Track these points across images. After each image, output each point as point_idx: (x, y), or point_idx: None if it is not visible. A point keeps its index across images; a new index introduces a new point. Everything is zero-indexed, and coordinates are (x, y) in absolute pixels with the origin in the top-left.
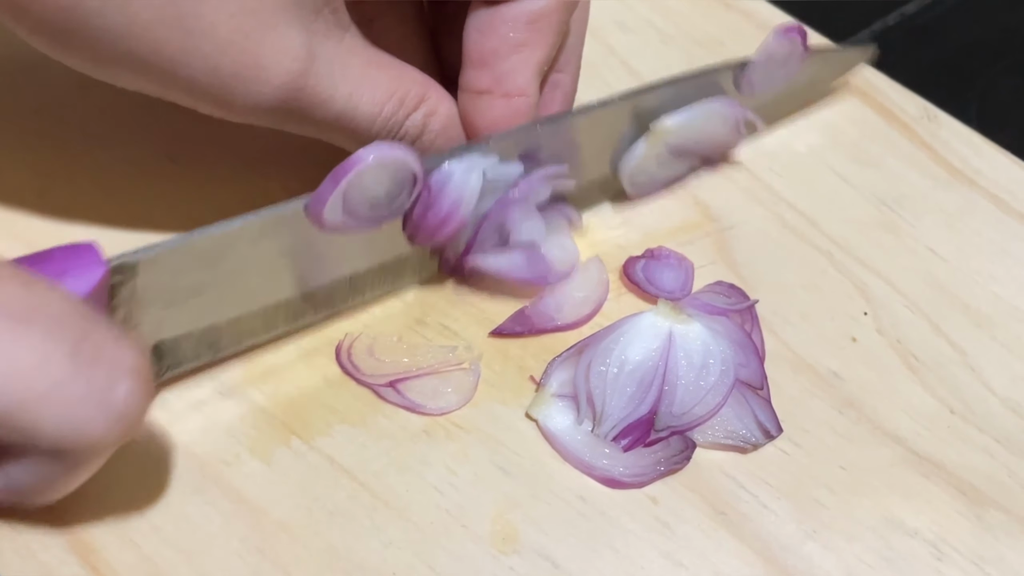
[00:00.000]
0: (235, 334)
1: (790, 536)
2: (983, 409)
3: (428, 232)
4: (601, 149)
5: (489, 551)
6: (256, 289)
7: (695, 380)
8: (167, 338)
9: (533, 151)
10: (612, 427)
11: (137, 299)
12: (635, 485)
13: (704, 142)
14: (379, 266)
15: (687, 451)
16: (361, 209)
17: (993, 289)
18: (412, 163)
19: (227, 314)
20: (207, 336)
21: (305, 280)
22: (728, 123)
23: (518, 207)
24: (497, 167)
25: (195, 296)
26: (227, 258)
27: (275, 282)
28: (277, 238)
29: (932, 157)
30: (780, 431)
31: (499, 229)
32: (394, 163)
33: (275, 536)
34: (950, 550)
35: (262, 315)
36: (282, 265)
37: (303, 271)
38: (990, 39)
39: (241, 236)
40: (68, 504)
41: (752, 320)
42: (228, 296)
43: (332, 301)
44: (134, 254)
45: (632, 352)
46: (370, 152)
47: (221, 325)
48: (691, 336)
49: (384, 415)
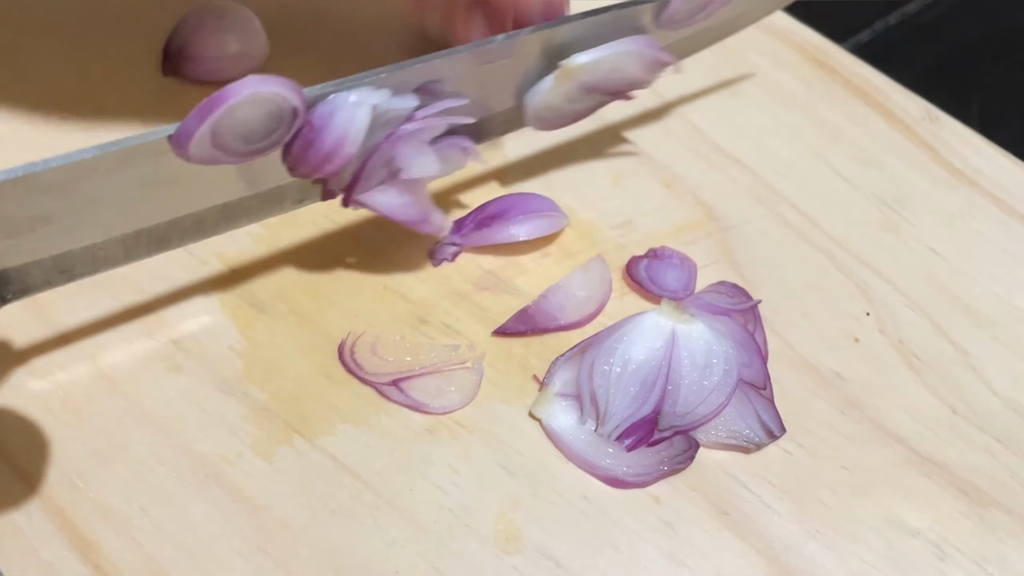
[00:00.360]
0: (91, 261)
1: (793, 536)
2: (985, 409)
3: (309, 167)
4: (506, 83)
5: (492, 550)
6: (114, 218)
7: (698, 380)
8: (12, 267)
9: (430, 83)
10: (615, 426)
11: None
12: (638, 485)
13: (616, 80)
14: (255, 195)
15: (691, 451)
16: (233, 143)
17: (994, 289)
18: (291, 97)
19: (81, 242)
20: (59, 263)
21: (170, 209)
22: (643, 62)
23: (409, 142)
24: (389, 100)
25: (44, 225)
26: (79, 189)
27: (136, 211)
28: (138, 169)
29: (933, 158)
30: (783, 431)
31: (388, 163)
32: (271, 97)
33: (277, 535)
34: (952, 550)
35: (121, 242)
36: (144, 195)
37: (168, 200)
38: (991, 39)
39: (96, 167)
40: (70, 502)
41: (755, 320)
42: (82, 225)
43: (202, 229)
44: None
45: (635, 351)
46: (244, 86)
47: (75, 252)
48: (694, 336)
49: (387, 414)
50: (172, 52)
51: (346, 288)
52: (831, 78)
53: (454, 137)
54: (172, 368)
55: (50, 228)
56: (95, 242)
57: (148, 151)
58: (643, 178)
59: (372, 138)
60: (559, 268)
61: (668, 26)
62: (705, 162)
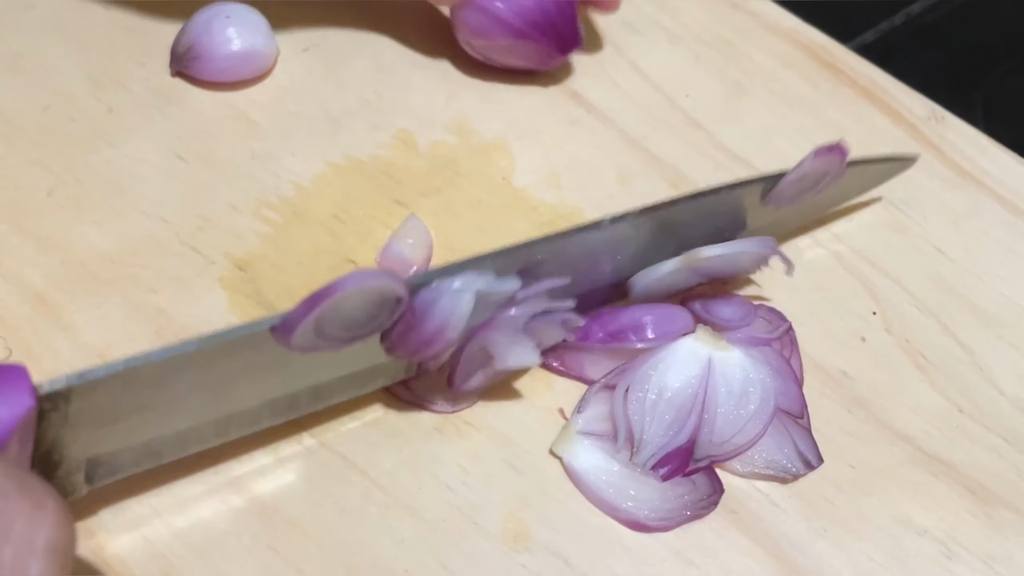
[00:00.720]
0: (181, 444)
1: (800, 535)
2: (992, 408)
3: (409, 351)
4: (608, 261)
5: (501, 548)
6: (209, 404)
7: (735, 408)
8: (103, 452)
9: (533, 266)
10: (651, 455)
11: (70, 422)
12: (660, 529)
13: (727, 271)
14: (350, 375)
15: (714, 495)
16: (335, 332)
17: (1000, 289)
18: (396, 288)
19: (172, 428)
20: (148, 447)
21: (265, 392)
22: (759, 260)
23: (504, 332)
24: (492, 284)
25: (136, 414)
26: (178, 379)
27: (231, 397)
28: (235, 360)
29: (939, 158)
30: (820, 461)
31: (485, 348)
32: (376, 290)
33: (287, 533)
34: (959, 548)
35: (214, 424)
36: (239, 382)
37: (264, 385)
38: (996, 39)
39: (193, 361)
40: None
41: (791, 345)
42: (174, 413)
43: (295, 408)
44: (67, 379)
45: (671, 379)
46: (350, 280)
47: (166, 436)
48: (731, 363)
49: (396, 412)
50: (180, 52)
51: None
52: (837, 78)
53: (556, 313)
54: None
55: (142, 417)
56: (186, 427)
57: (250, 343)
58: (650, 178)
59: (473, 319)
60: None
61: (774, 204)
62: (712, 162)
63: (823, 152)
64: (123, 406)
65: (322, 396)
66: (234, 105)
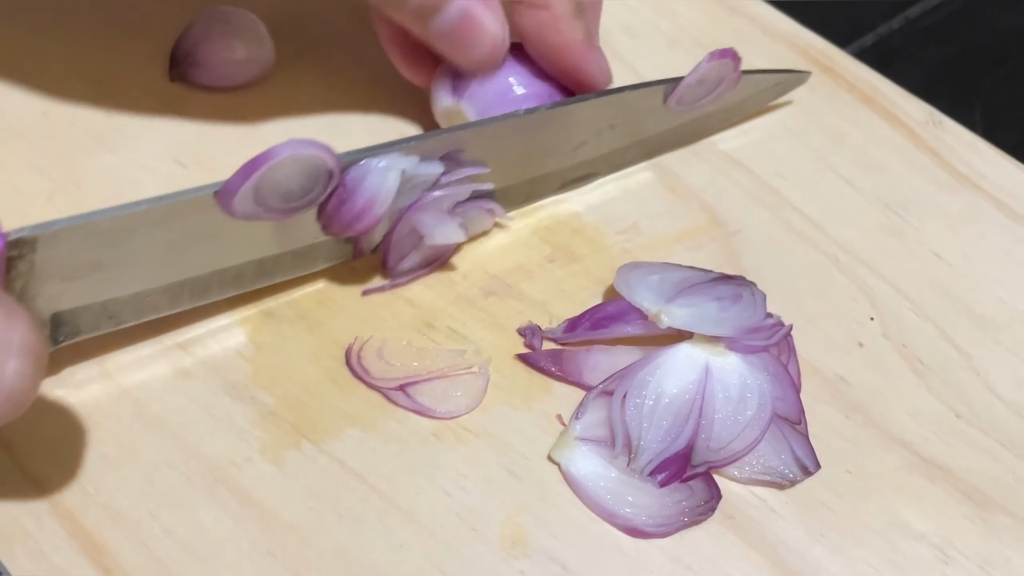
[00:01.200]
0: (137, 308)
1: (797, 540)
2: (988, 413)
3: (342, 225)
4: (532, 153)
5: (499, 554)
6: (160, 267)
7: (732, 414)
8: (65, 309)
9: (455, 152)
10: (648, 461)
11: (35, 273)
12: (658, 535)
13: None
14: (290, 252)
15: (712, 502)
16: (273, 200)
17: (998, 293)
18: (327, 159)
19: (129, 289)
20: (107, 309)
21: (212, 261)
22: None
23: (430, 211)
24: (417, 166)
25: (95, 271)
26: (130, 238)
27: (180, 262)
28: (184, 222)
29: (937, 162)
30: (818, 467)
31: (414, 231)
32: (309, 159)
33: (285, 538)
34: (956, 554)
35: (166, 290)
36: (188, 246)
37: (211, 253)
38: (994, 43)
39: (145, 219)
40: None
41: (788, 350)
42: (130, 273)
43: (241, 281)
44: (33, 228)
45: (668, 384)
46: (284, 148)
47: (123, 299)
48: (728, 369)
49: (394, 418)
50: (179, 57)
51: (353, 293)
52: (835, 82)
53: (480, 200)
54: (181, 373)
55: (101, 275)
56: (141, 290)
57: (194, 206)
58: (648, 183)
59: (401, 201)
60: (565, 273)
61: (676, 105)
62: (710, 166)
63: (716, 55)
64: (82, 262)
65: (266, 272)
66: (233, 110)
